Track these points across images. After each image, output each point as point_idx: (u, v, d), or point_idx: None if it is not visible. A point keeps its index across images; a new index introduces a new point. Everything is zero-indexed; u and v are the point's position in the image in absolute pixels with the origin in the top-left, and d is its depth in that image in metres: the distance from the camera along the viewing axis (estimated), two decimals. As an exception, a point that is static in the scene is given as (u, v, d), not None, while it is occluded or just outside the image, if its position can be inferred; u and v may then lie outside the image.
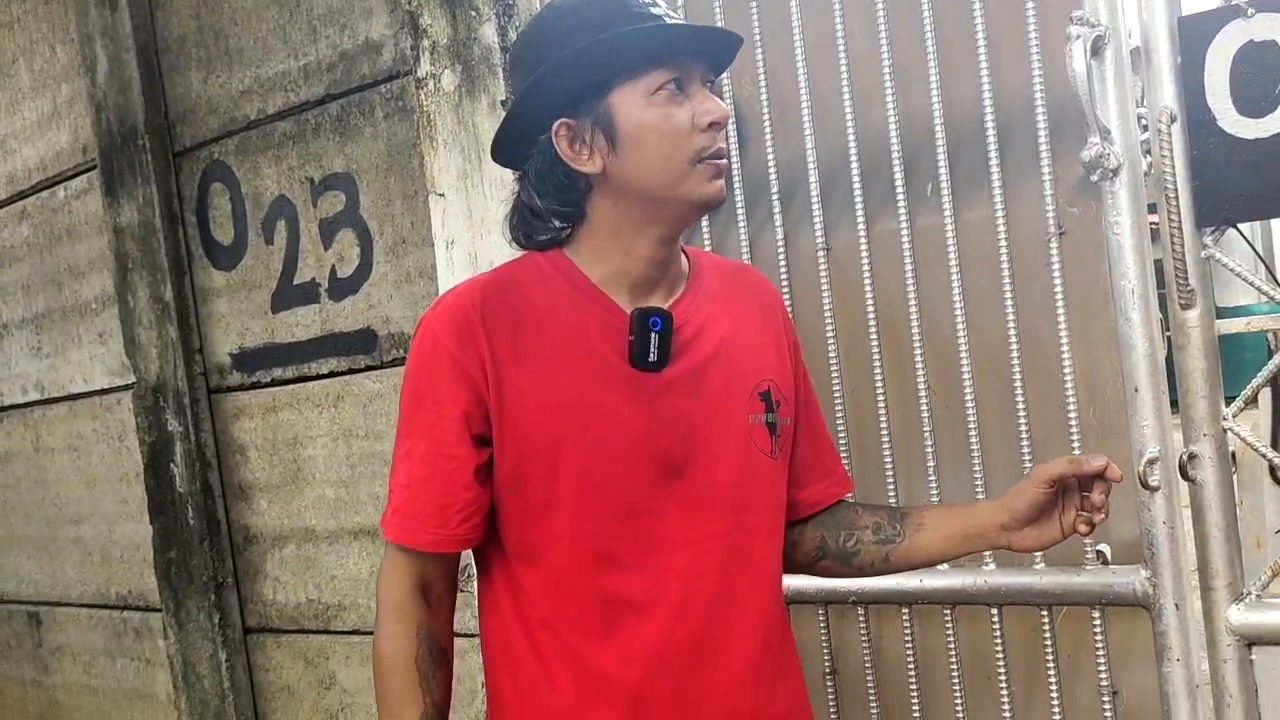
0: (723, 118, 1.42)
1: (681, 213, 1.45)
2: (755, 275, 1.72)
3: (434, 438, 1.45)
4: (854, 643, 2.18)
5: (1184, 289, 1.76)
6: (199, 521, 3.19)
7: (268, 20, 2.88)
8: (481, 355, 1.42)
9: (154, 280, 3.19)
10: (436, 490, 1.45)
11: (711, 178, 1.43)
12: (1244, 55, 1.70)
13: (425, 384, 1.46)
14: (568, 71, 1.40)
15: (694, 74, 1.42)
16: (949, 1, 1.96)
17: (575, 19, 1.42)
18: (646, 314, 1.45)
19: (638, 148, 1.41)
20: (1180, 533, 1.83)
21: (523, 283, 1.47)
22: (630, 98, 1.40)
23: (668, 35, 1.41)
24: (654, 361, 1.45)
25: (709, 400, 1.48)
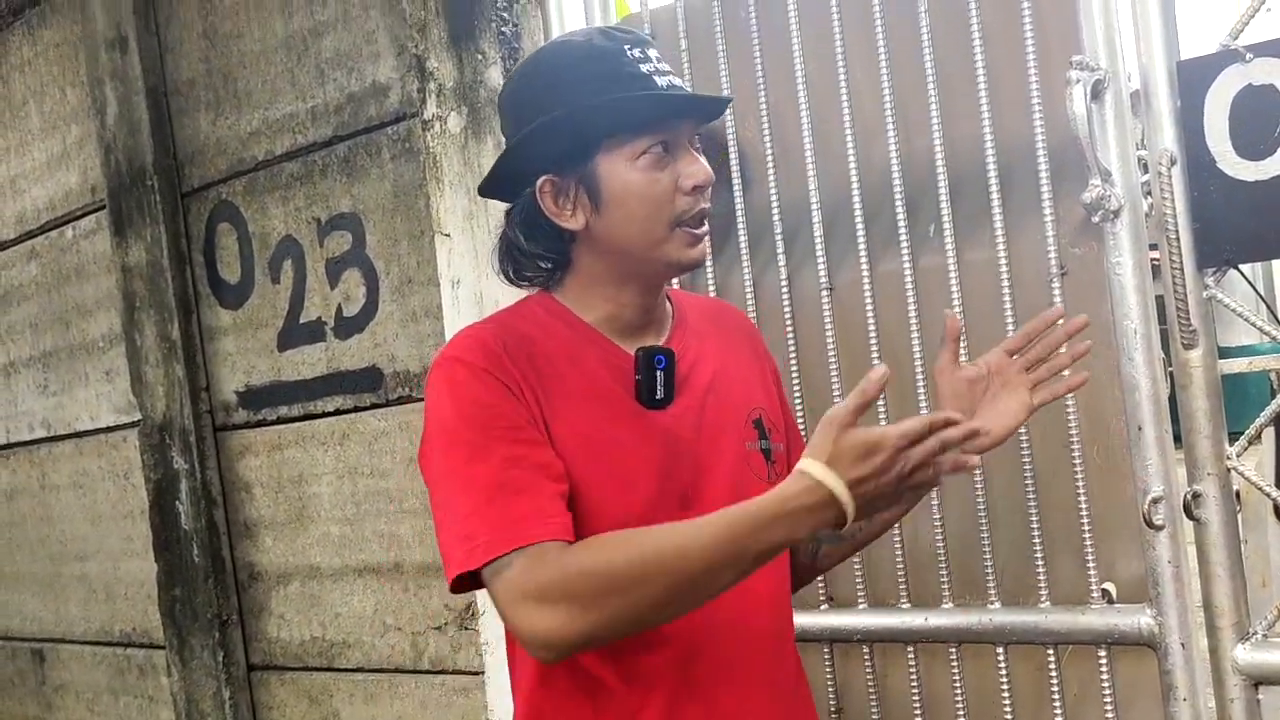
0: (706, 181, 1.43)
1: (660, 271, 1.47)
2: (731, 309, 1.75)
3: (505, 448, 1.36)
4: (859, 681, 2.18)
5: (1186, 329, 1.77)
6: (204, 559, 3.19)
7: (276, 63, 2.91)
8: (522, 388, 1.40)
9: (161, 319, 3.21)
10: (535, 485, 1.35)
11: (690, 244, 1.44)
12: (1243, 99, 1.72)
13: (473, 403, 1.38)
14: (555, 131, 1.42)
15: (681, 135, 1.43)
16: (950, 44, 1.99)
17: (567, 75, 1.42)
18: (651, 353, 1.47)
19: (620, 209, 1.42)
20: (1185, 572, 1.83)
21: (526, 328, 1.48)
22: (616, 160, 1.41)
23: (656, 104, 1.41)
24: (660, 399, 1.47)
25: (709, 433, 1.51)
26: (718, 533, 1.26)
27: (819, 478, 1.24)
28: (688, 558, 1.26)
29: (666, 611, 1.32)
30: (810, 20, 2.13)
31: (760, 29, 2.19)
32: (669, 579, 1.27)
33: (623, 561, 1.28)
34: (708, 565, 1.27)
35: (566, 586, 1.28)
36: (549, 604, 1.28)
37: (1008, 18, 1.91)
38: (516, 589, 1.30)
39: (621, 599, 1.27)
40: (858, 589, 2.16)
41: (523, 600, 1.29)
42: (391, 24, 2.65)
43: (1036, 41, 1.88)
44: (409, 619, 2.82)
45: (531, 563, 1.30)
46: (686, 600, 1.30)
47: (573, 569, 1.29)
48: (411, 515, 2.77)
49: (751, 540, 1.26)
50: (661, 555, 1.27)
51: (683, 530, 1.29)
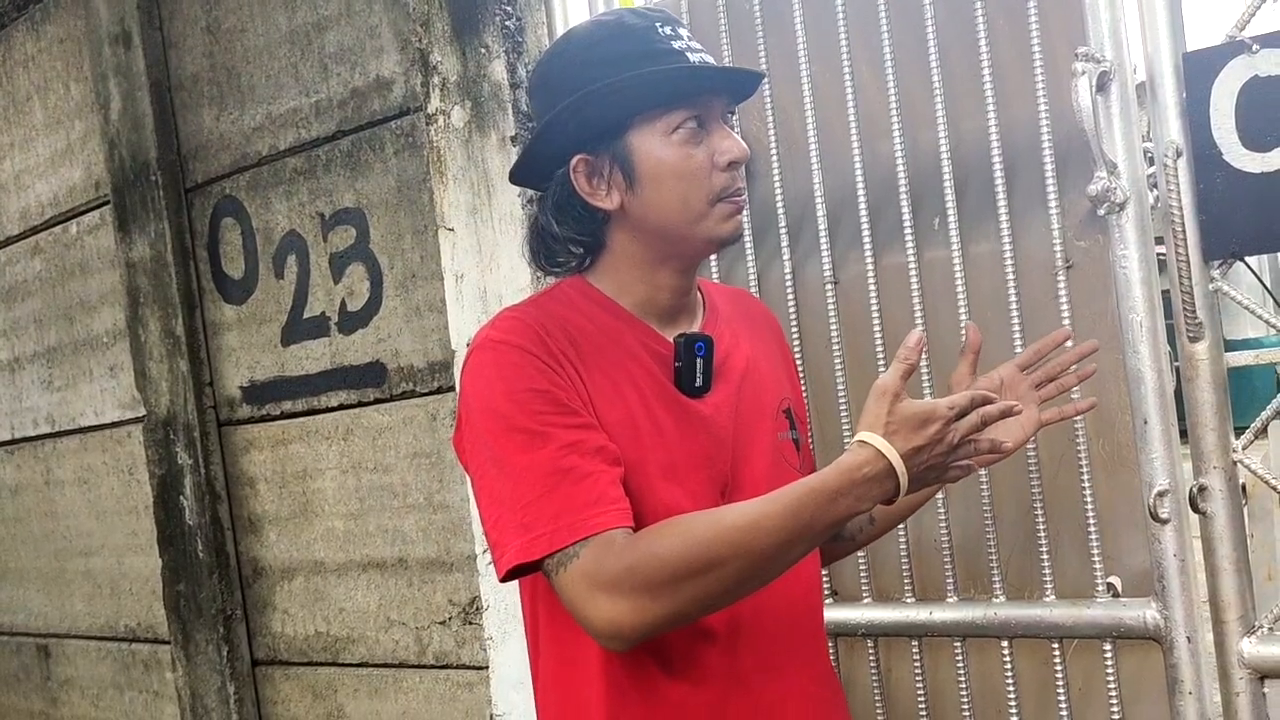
0: (742, 156, 1.42)
1: (699, 248, 1.46)
2: (754, 299, 1.75)
3: (561, 434, 1.33)
4: (864, 675, 2.18)
5: (1192, 322, 1.77)
6: (208, 554, 3.19)
7: (280, 58, 2.91)
8: (567, 371, 1.38)
9: (165, 314, 3.21)
10: (596, 470, 1.32)
11: (729, 215, 1.43)
12: (1249, 90, 1.72)
13: (525, 389, 1.34)
14: (587, 109, 1.40)
15: (714, 111, 1.42)
16: (955, 36, 1.98)
17: (597, 52, 1.41)
18: (692, 339, 1.46)
19: (656, 187, 1.41)
20: (1191, 565, 1.83)
21: (564, 312, 1.45)
22: (649, 136, 1.40)
23: (689, 77, 1.39)
24: (699, 386, 1.46)
25: (746, 421, 1.50)
26: (786, 509, 1.26)
27: (880, 448, 1.25)
28: (759, 537, 1.26)
29: (739, 592, 1.30)
30: (815, 13, 2.12)
31: (765, 22, 2.18)
32: (742, 560, 1.26)
33: (695, 546, 1.26)
34: (778, 543, 1.26)
35: (639, 575, 1.26)
36: (621, 594, 1.26)
37: (1013, 9, 1.91)
38: (587, 580, 1.27)
39: (695, 583, 1.26)
40: (862, 583, 2.15)
41: (593, 591, 1.27)
42: (395, 18, 2.65)
43: (1041, 33, 1.87)
44: (413, 614, 2.82)
45: (600, 552, 1.28)
46: (757, 579, 1.30)
47: (644, 556, 1.26)
48: (415, 510, 2.77)
49: (820, 514, 1.26)
50: (733, 537, 1.26)
51: (750, 510, 1.28)
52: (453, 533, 2.70)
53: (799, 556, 1.30)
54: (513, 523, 1.31)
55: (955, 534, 2.05)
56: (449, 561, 2.72)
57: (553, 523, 1.29)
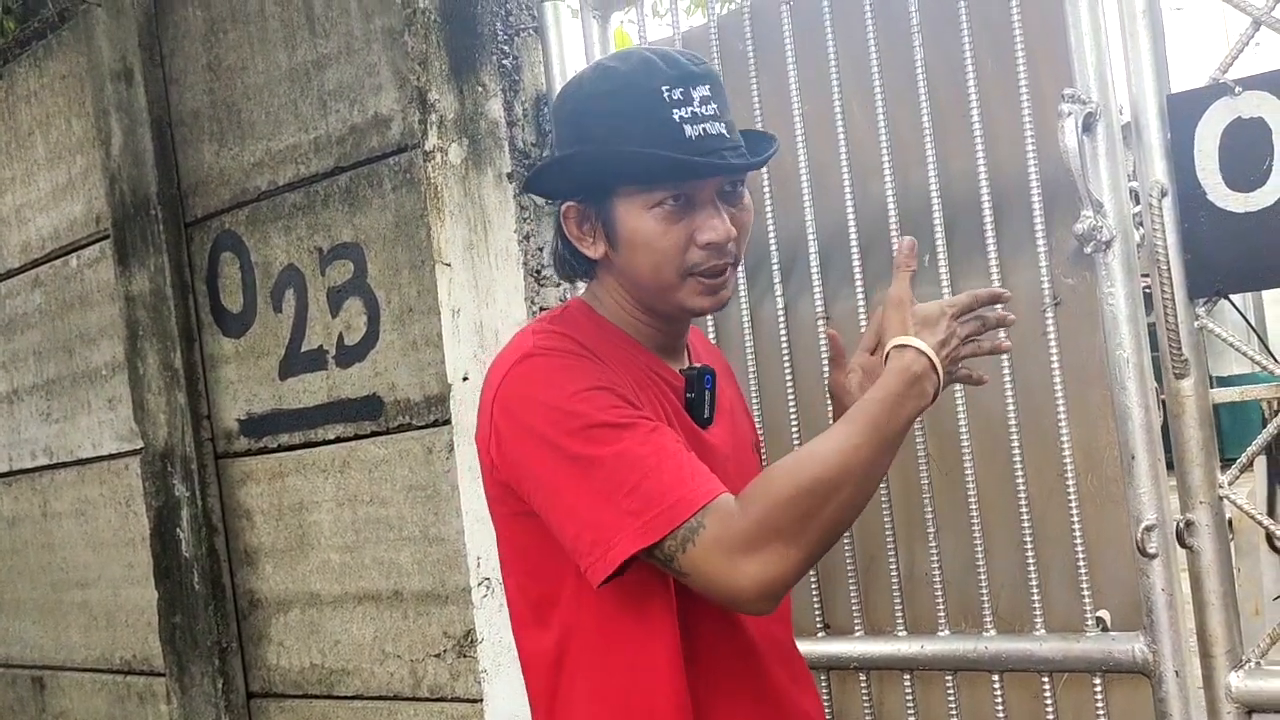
0: (721, 239, 1.40)
1: (673, 314, 1.48)
2: (702, 335, 1.75)
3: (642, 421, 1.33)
4: (856, 708, 2.18)
5: (1178, 359, 1.79)
6: (204, 586, 3.20)
7: (279, 95, 2.95)
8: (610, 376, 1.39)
9: (164, 347, 3.23)
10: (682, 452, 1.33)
11: (703, 293, 1.43)
12: (1232, 131, 1.75)
13: (592, 388, 1.34)
14: (575, 167, 1.43)
15: (706, 190, 1.40)
16: (944, 78, 2.01)
17: (601, 104, 1.40)
18: (704, 372, 1.49)
19: (631, 252, 1.42)
20: (1179, 600, 1.85)
21: (584, 338, 1.45)
22: (632, 205, 1.40)
23: (669, 169, 1.37)
24: (707, 418, 1.50)
25: (737, 453, 1.54)
26: (867, 424, 1.32)
27: (920, 347, 1.36)
28: (859, 454, 1.30)
29: (856, 513, 1.34)
30: (807, 55, 2.16)
31: (758, 63, 2.22)
32: (851, 482, 1.30)
33: (808, 482, 1.28)
34: (872, 457, 1.31)
35: (770, 525, 1.26)
36: (762, 549, 1.26)
37: (1001, 52, 1.94)
38: (721, 546, 1.27)
39: (821, 517, 1.28)
40: (854, 616, 2.17)
41: (733, 555, 1.26)
42: (393, 57, 2.68)
43: (1029, 75, 1.90)
44: (408, 646, 2.83)
45: (722, 516, 1.27)
46: (865, 498, 1.34)
47: (768, 507, 1.27)
48: (411, 543, 2.79)
49: (895, 420, 1.33)
50: (837, 461, 1.29)
51: (837, 436, 1.32)
52: (448, 565, 2.71)
53: (888, 464, 1.36)
54: (617, 512, 1.29)
55: (946, 567, 2.06)
56: (444, 594, 2.73)
57: (663, 500, 1.28)
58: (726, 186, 1.42)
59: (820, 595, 2.21)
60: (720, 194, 1.41)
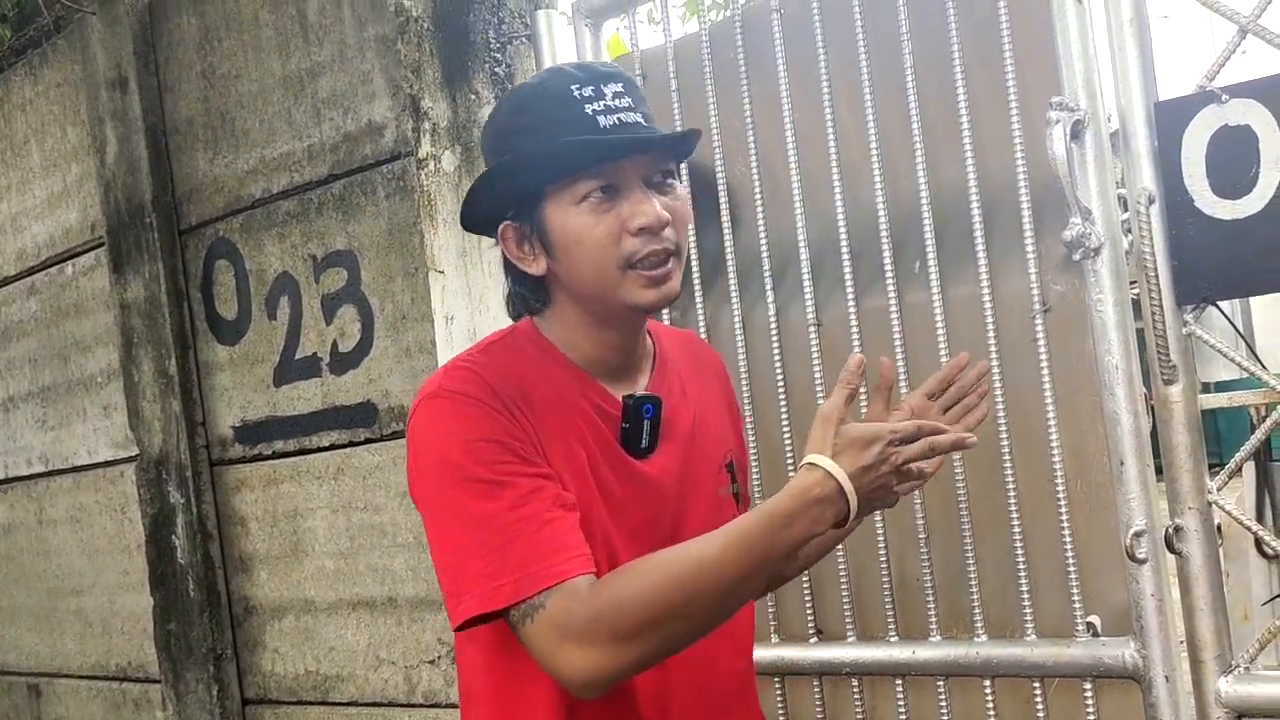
0: (652, 222, 1.36)
1: (625, 314, 1.43)
2: (702, 343, 1.73)
3: (522, 481, 1.32)
4: (848, 714, 2.19)
5: (1166, 365, 1.80)
6: (199, 593, 3.20)
7: (273, 103, 2.96)
8: (521, 422, 1.37)
9: (159, 355, 3.24)
10: (557, 517, 1.31)
11: (645, 286, 1.38)
12: (1219, 139, 1.76)
13: (481, 439, 1.33)
14: (501, 181, 1.40)
15: (630, 175, 1.37)
16: (934, 86, 2.02)
17: (517, 119, 1.40)
18: (640, 402, 1.45)
19: (568, 255, 1.39)
20: (1169, 605, 1.85)
21: (518, 363, 1.44)
22: (560, 206, 1.37)
23: (586, 149, 1.35)
24: (645, 447, 1.46)
25: (689, 481, 1.50)
26: (744, 540, 1.27)
27: (829, 469, 1.27)
28: (721, 572, 1.26)
29: (706, 627, 1.30)
30: (798, 62, 2.17)
31: (749, 70, 2.23)
32: (706, 597, 1.26)
33: (661, 589, 1.25)
34: (740, 574, 1.27)
35: (607, 623, 1.25)
36: (592, 643, 1.25)
37: (989, 60, 1.95)
38: (556, 630, 1.26)
39: (664, 626, 1.26)
40: (846, 622, 2.17)
41: (564, 641, 1.25)
42: (387, 65, 2.69)
43: (1018, 83, 1.92)
44: (402, 653, 2.83)
45: (566, 601, 1.26)
46: (723, 613, 1.30)
47: (611, 604, 1.25)
48: (405, 549, 2.79)
49: (777, 540, 1.27)
50: (696, 574, 1.26)
51: (709, 546, 1.28)
52: (442, 572, 2.71)
53: (760, 585, 1.31)
54: (472, 571, 1.30)
55: (937, 573, 2.07)
56: (438, 601, 2.73)
57: (517, 571, 1.27)
58: (655, 177, 1.40)
59: (812, 601, 2.22)
60: (649, 183, 1.39)
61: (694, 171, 2.30)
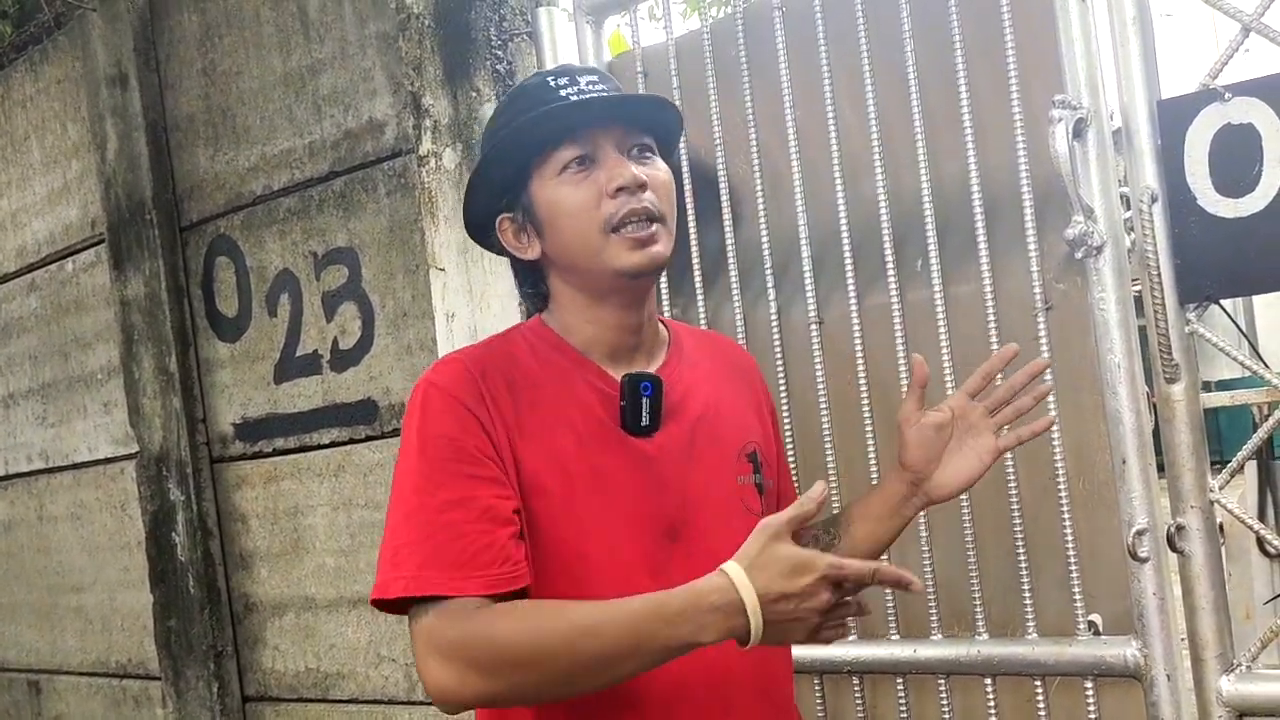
0: (628, 181, 1.40)
1: (615, 283, 1.46)
2: (730, 343, 1.75)
3: (456, 484, 1.36)
4: (849, 712, 2.19)
5: (1168, 364, 1.80)
6: (199, 590, 3.20)
7: (274, 100, 2.95)
8: (493, 416, 1.41)
9: (159, 351, 3.23)
10: (473, 531, 1.34)
11: (631, 247, 1.42)
12: (1222, 137, 1.76)
13: (437, 434, 1.38)
14: (490, 172, 1.47)
15: (605, 144, 1.43)
16: (936, 83, 2.02)
17: (499, 119, 1.48)
18: (637, 379, 1.47)
19: (554, 229, 1.45)
20: (1170, 604, 1.85)
21: (513, 353, 1.48)
22: (543, 182, 1.44)
23: (552, 117, 1.41)
24: (646, 425, 1.47)
25: (700, 463, 1.50)
26: (627, 619, 1.25)
27: (734, 580, 1.21)
28: (592, 641, 1.26)
29: (568, 689, 1.30)
30: (800, 60, 2.16)
31: (750, 67, 2.22)
32: (570, 661, 1.26)
33: (528, 636, 1.27)
34: (609, 653, 1.26)
35: (468, 650, 1.28)
36: (449, 662, 1.28)
37: (992, 58, 1.95)
38: (424, 639, 1.30)
39: (522, 672, 1.27)
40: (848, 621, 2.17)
41: (428, 652, 1.30)
42: (388, 62, 2.69)
43: (1020, 81, 1.91)
44: (403, 650, 2.83)
45: (442, 616, 1.30)
46: (589, 681, 1.29)
47: (477, 634, 1.28)
48: (406, 547, 2.79)
49: (657, 632, 1.24)
50: (568, 636, 1.26)
51: (592, 613, 1.27)
52: (443, 570, 2.71)
53: (634, 671, 1.28)
54: (388, 556, 1.35)
55: (939, 572, 2.07)
56: (439, 598, 2.73)
57: (416, 571, 1.31)
58: (633, 150, 1.44)
59: (813, 599, 2.21)
60: (625, 152, 1.44)
61: (695, 168, 2.30)
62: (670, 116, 1.51)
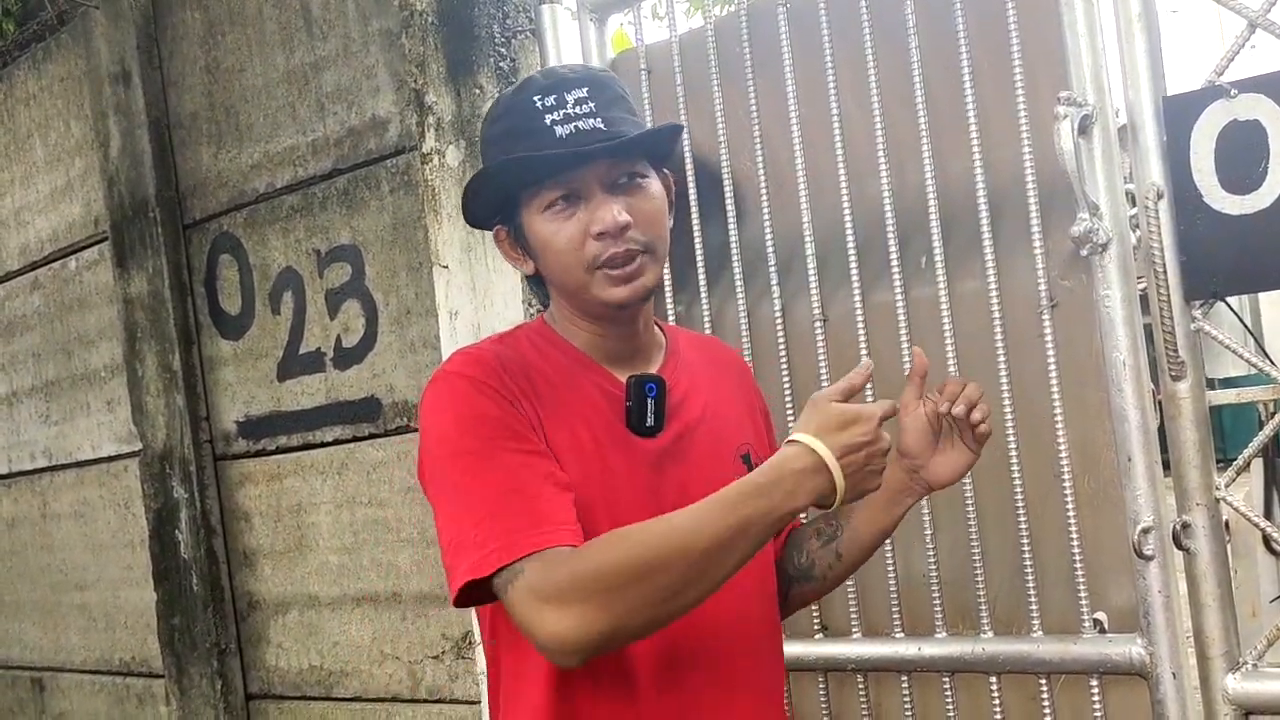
0: (609, 227, 1.41)
1: (602, 312, 1.48)
2: (724, 346, 1.77)
3: (510, 459, 1.36)
4: (853, 711, 2.19)
5: (1174, 361, 1.79)
6: (203, 588, 3.20)
7: (277, 97, 2.95)
8: (519, 400, 1.42)
9: (162, 349, 3.23)
10: (546, 494, 1.35)
11: (612, 284, 1.44)
12: (1228, 134, 1.75)
13: (476, 415, 1.38)
14: (483, 189, 1.47)
15: (590, 181, 1.42)
16: (941, 79, 2.01)
17: (492, 130, 1.48)
18: (643, 380, 1.49)
19: (543, 260, 1.47)
20: (1176, 602, 1.85)
21: (524, 352, 1.50)
22: (531, 213, 1.45)
23: (534, 165, 1.41)
24: (651, 426, 1.49)
25: (699, 464, 1.52)
26: (723, 507, 1.29)
27: (808, 443, 1.30)
28: (699, 537, 1.28)
29: (685, 597, 1.30)
30: (804, 56, 2.16)
31: (754, 64, 2.22)
32: (684, 561, 1.27)
33: (637, 550, 1.28)
34: (718, 542, 1.28)
35: (582, 585, 1.27)
36: (567, 605, 1.27)
37: (997, 54, 1.94)
38: (532, 594, 1.28)
39: (639, 588, 1.27)
40: (852, 618, 2.17)
41: (539, 604, 1.28)
42: (391, 59, 2.68)
43: (1025, 77, 1.90)
44: (406, 648, 2.83)
45: (545, 566, 1.29)
46: (702, 583, 1.30)
47: (588, 566, 1.28)
48: (409, 545, 2.79)
49: (754, 510, 1.28)
50: (672, 539, 1.28)
51: (687, 513, 1.30)
52: (446, 567, 2.71)
53: (741, 559, 1.30)
54: (466, 541, 1.33)
55: (943, 570, 2.07)
56: (442, 595, 2.73)
57: (501, 539, 1.31)
58: (620, 179, 1.44)
59: (818, 597, 2.21)
60: (611, 186, 1.43)
61: (699, 166, 2.30)
62: (661, 138, 1.49)
